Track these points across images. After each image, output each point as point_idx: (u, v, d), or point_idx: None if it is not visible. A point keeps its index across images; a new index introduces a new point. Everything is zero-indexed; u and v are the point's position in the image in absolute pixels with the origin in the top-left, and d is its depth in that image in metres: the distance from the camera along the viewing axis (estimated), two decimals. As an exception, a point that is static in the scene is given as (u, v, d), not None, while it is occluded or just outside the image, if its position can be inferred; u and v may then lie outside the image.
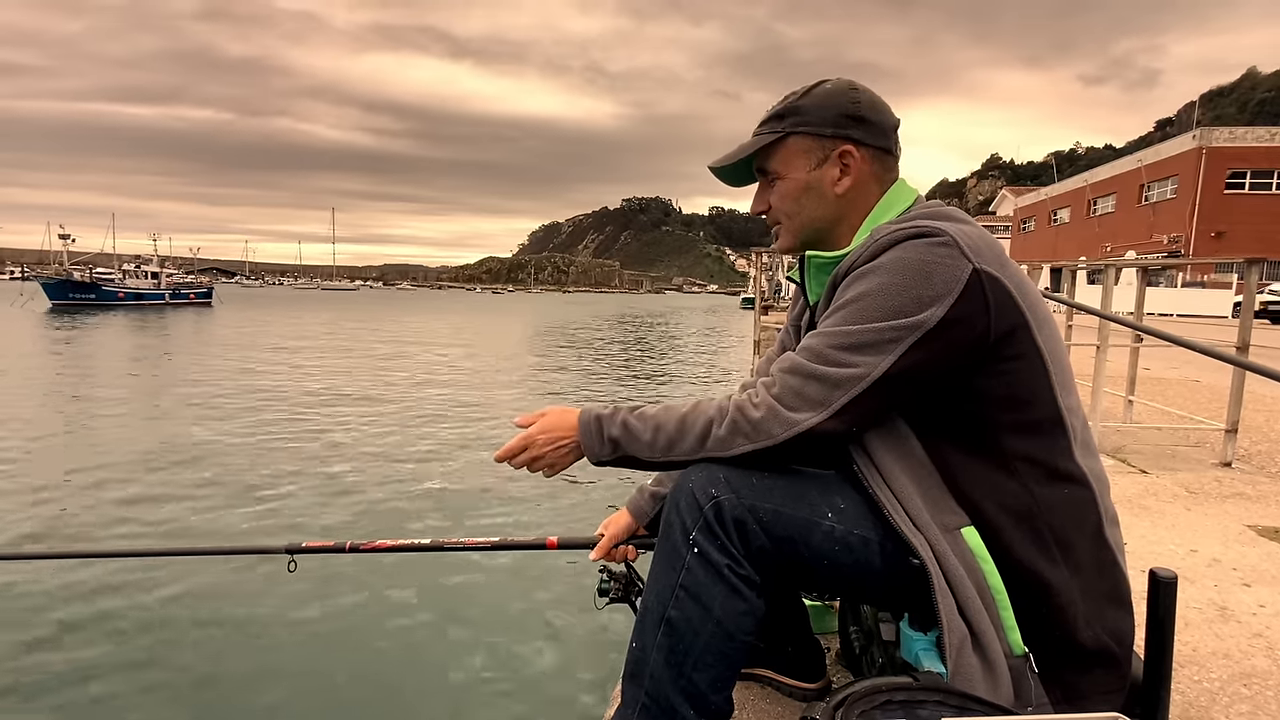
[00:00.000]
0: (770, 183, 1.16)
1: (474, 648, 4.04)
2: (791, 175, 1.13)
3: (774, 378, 1.02)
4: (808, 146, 1.11)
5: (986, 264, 0.94)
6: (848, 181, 1.11)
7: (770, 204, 1.17)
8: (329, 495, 6.67)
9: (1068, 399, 0.99)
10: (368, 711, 3.50)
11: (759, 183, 1.19)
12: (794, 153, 1.12)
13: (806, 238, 1.15)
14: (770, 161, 1.15)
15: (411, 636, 4.11)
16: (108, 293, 45.31)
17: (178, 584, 4.57)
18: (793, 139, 1.12)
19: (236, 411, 10.63)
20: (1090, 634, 0.97)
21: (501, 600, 4.59)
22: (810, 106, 1.11)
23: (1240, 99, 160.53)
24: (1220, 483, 3.26)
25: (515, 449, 1.17)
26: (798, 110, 1.12)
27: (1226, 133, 29.04)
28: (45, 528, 5.64)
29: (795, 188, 1.13)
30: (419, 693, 3.63)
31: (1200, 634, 1.77)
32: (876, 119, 1.10)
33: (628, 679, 1.06)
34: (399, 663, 3.86)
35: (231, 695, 3.55)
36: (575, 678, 3.77)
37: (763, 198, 1.18)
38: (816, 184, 1.12)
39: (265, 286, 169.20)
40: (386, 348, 22.52)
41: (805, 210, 1.13)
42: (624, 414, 1.10)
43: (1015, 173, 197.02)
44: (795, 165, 1.13)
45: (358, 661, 3.85)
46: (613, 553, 1.31)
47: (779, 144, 1.13)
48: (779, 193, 1.15)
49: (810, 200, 1.13)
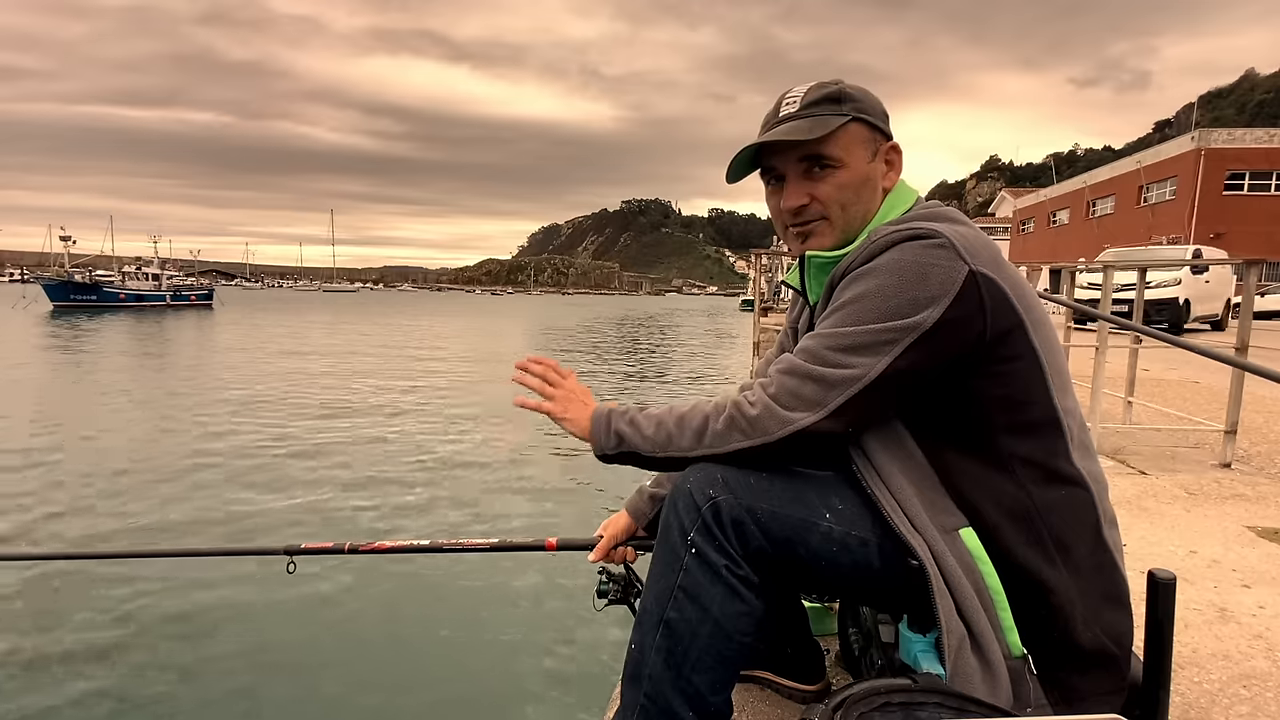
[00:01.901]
0: (818, 171, 1.06)
1: (473, 649, 4.04)
2: (854, 165, 1.06)
3: (771, 378, 1.02)
4: (866, 136, 1.07)
5: (982, 265, 0.94)
6: (894, 178, 1.10)
7: (816, 195, 1.07)
8: (328, 496, 6.66)
9: (1065, 400, 0.99)
10: (368, 712, 3.50)
11: (793, 174, 1.08)
12: (856, 140, 1.06)
13: (854, 234, 1.08)
14: (831, 146, 1.05)
15: (411, 637, 4.11)
16: (109, 294, 45.36)
17: (178, 585, 4.57)
18: (855, 125, 1.05)
19: (238, 413, 10.63)
20: (1089, 635, 0.97)
21: (501, 602, 4.59)
22: (863, 96, 1.07)
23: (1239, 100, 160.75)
24: (1220, 484, 3.26)
25: (540, 389, 1.19)
26: (854, 97, 1.06)
27: (1225, 134, 29.06)
28: (47, 529, 5.64)
29: (856, 179, 1.06)
30: (420, 693, 3.62)
31: (1200, 635, 1.77)
32: None
33: (627, 680, 1.06)
34: (398, 663, 3.86)
35: (232, 695, 3.55)
36: (575, 679, 3.77)
37: (803, 189, 1.07)
38: (873, 177, 1.08)
39: (265, 289, 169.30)
40: (387, 350, 22.51)
41: (861, 203, 1.07)
42: (633, 411, 1.12)
43: (1014, 174, 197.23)
44: (857, 154, 1.06)
45: (357, 662, 3.85)
46: (612, 554, 1.31)
47: (841, 129, 1.05)
48: (837, 183, 1.06)
49: (867, 193, 1.08)
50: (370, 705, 3.52)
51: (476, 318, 49.71)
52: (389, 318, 44.89)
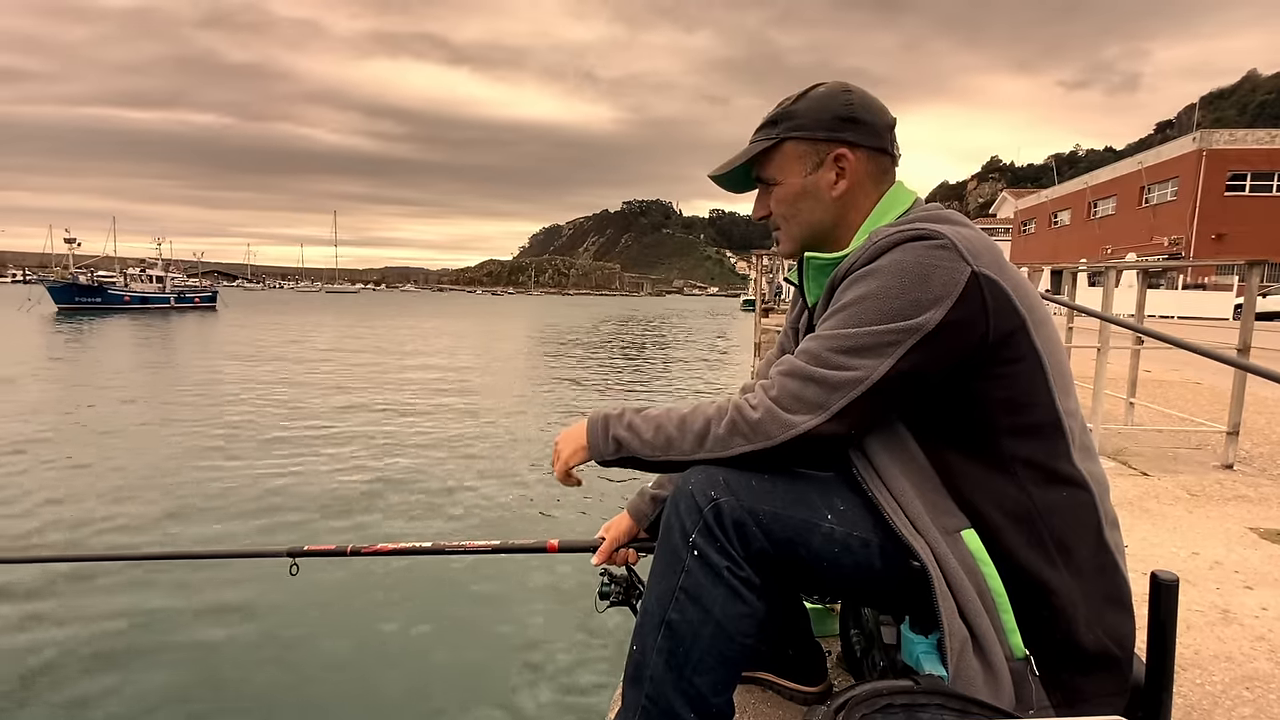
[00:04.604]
0: (769, 188, 1.17)
1: (475, 650, 4.04)
2: (788, 181, 1.14)
3: (773, 380, 1.02)
4: (802, 151, 1.12)
5: (985, 267, 0.94)
6: (844, 185, 1.11)
7: (770, 209, 1.18)
8: (331, 498, 6.67)
9: (1067, 402, 0.99)
10: (370, 712, 3.50)
11: (759, 188, 1.20)
12: (789, 158, 1.13)
13: (807, 241, 1.16)
14: (767, 168, 1.15)
15: (413, 639, 4.11)
16: (113, 296, 45.39)
17: (180, 587, 4.57)
18: (788, 144, 1.12)
19: (239, 415, 10.64)
20: (1091, 637, 0.97)
21: (503, 603, 4.59)
22: (803, 110, 1.11)
23: (1240, 101, 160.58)
24: (1222, 485, 3.25)
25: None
26: (791, 115, 1.12)
27: (1227, 135, 29.03)
28: (49, 531, 5.65)
29: (792, 193, 1.14)
30: (421, 695, 3.62)
31: (1202, 637, 1.77)
32: (870, 119, 1.10)
33: (628, 682, 1.06)
34: (400, 665, 3.86)
35: (234, 697, 3.55)
36: (576, 680, 3.77)
37: (763, 203, 1.19)
38: (813, 188, 1.12)
39: (267, 289, 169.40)
40: (388, 351, 22.53)
41: (803, 214, 1.14)
42: (630, 414, 1.11)
43: (1015, 175, 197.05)
44: (791, 170, 1.13)
45: (359, 664, 3.85)
46: (614, 556, 1.31)
47: (774, 150, 1.13)
48: (777, 198, 1.16)
49: (807, 204, 1.13)
50: (372, 705, 3.53)
51: (478, 319, 49.72)
52: (393, 319, 44.92)
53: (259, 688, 3.62)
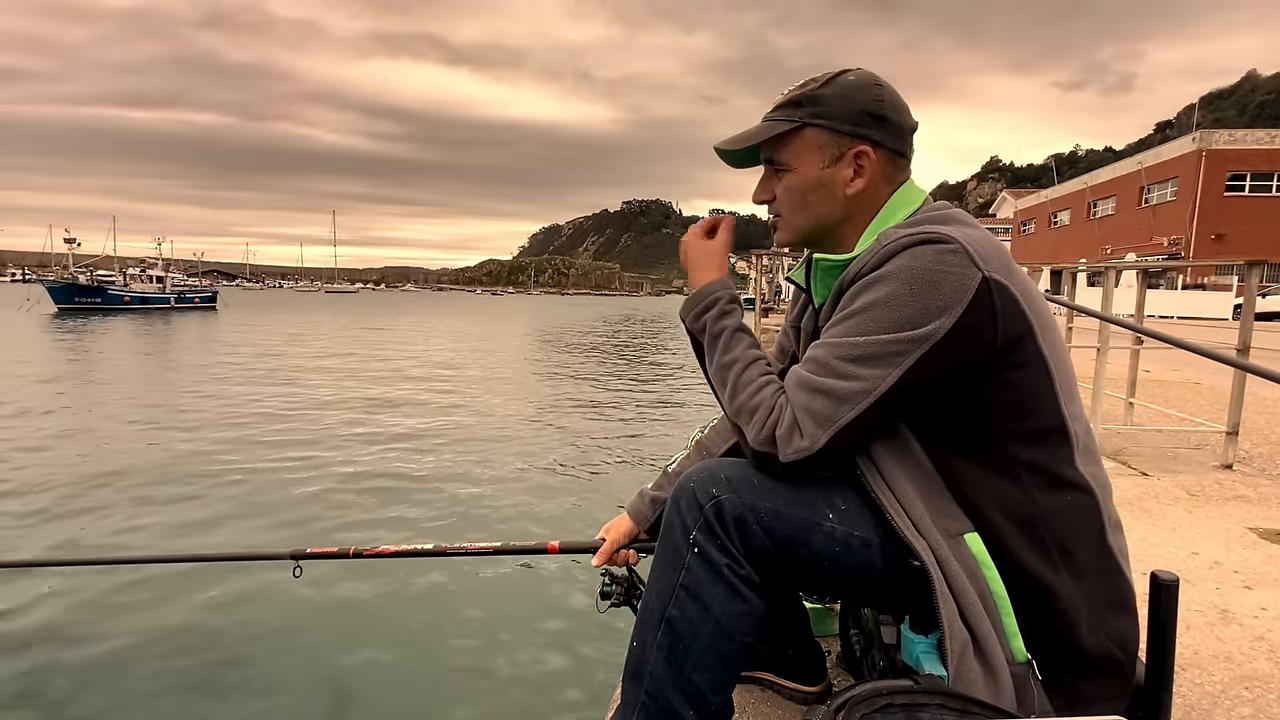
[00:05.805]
0: (778, 172, 1.10)
1: (477, 650, 4.04)
2: (802, 169, 1.07)
3: (788, 393, 1.01)
4: (823, 141, 1.05)
5: (995, 271, 0.93)
6: (860, 184, 1.05)
7: (775, 194, 1.11)
8: (333, 502, 6.67)
9: (1071, 406, 0.99)
10: (372, 713, 3.51)
11: (765, 169, 1.12)
12: (809, 146, 1.06)
13: (808, 235, 1.11)
14: (781, 152, 1.08)
15: (415, 640, 4.12)
16: (113, 296, 45.30)
17: (184, 590, 4.57)
18: (809, 131, 1.05)
19: (241, 416, 10.64)
20: (1094, 640, 0.97)
21: (504, 604, 4.59)
22: (831, 98, 1.04)
23: (1240, 101, 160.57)
24: (1221, 485, 3.25)
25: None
26: (817, 100, 1.05)
27: (1226, 135, 29.04)
28: (50, 534, 5.64)
29: (804, 183, 1.07)
30: (423, 696, 3.63)
31: (1202, 637, 1.77)
32: (897, 120, 1.06)
33: (628, 678, 1.06)
34: (402, 666, 3.87)
35: (237, 700, 3.55)
36: (577, 680, 3.77)
37: (767, 186, 1.12)
38: (829, 182, 1.06)
39: (266, 289, 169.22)
40: (388, 351, 22.52)
41: (811, 208, 1.08)
42: (729, 328, 1.10)
43: (1015, 175, 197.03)
44: (808, 159, 1.06)
45: (362, 666, 3.85)
46: (614, 557, 1.31)
47: (793, 134, 1.06)
48: (786, 185, 1.09)
49: (818, 198, 1.07)
50: (373, 706, 3.53)
51: (478, 318, 49.70)
52: (393, 318, 44.89)
53: (262, 690, 3.62)
